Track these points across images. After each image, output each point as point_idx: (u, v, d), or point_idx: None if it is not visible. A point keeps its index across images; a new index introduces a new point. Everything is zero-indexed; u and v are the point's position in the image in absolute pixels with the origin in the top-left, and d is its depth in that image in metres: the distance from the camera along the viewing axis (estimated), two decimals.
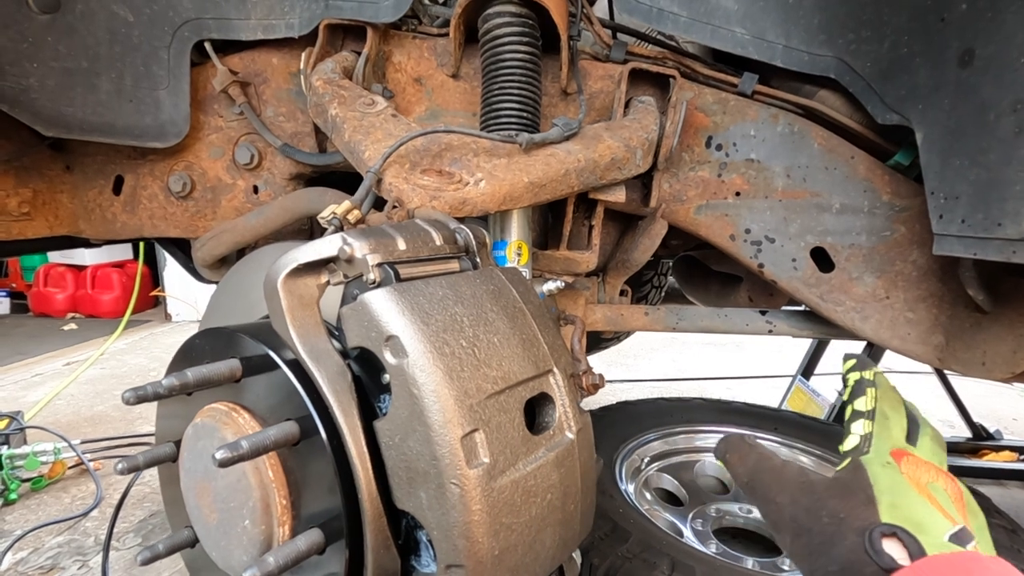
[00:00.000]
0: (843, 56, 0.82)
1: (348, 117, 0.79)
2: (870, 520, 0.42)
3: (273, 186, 1.06)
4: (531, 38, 0.85)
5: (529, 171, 0.73)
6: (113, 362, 3.39)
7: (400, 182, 0.68)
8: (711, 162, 0.96)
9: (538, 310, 0.52)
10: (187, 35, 0.95)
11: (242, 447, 0.42)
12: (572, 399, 0.51)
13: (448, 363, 0.42)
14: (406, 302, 0.43)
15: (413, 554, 0.46)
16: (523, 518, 0.44)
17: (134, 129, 0.99)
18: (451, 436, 0.40)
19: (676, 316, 1.06)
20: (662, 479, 1.36)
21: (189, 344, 0.56)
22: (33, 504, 1.78)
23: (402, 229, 0.50)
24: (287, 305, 0.46)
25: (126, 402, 0.48)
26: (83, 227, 1.16)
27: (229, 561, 0.50)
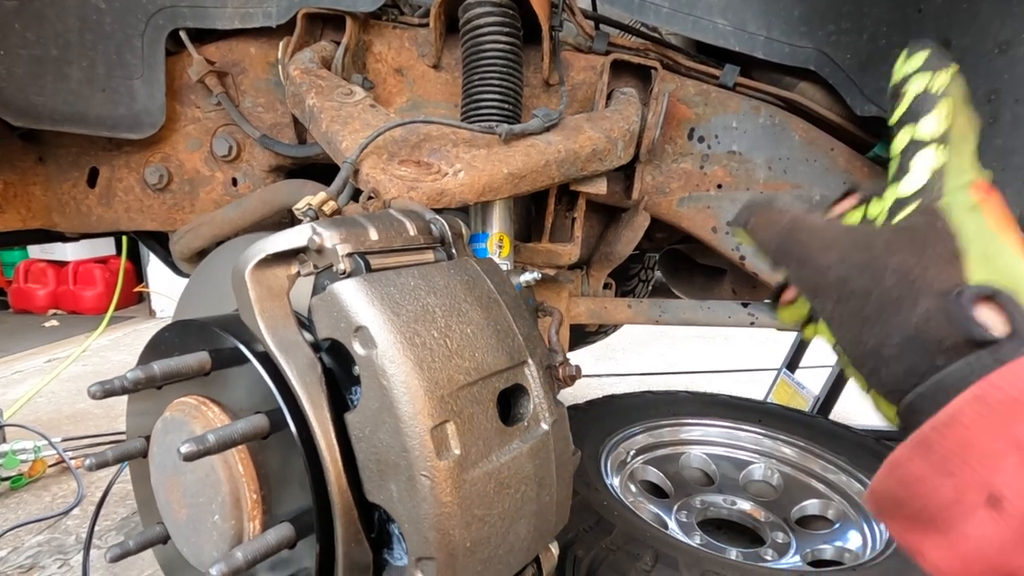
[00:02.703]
0: (823, 48, 0.82)
1: (325, 107, 0.78)
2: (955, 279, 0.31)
3: (252, 178, 1.05)
4: (512, 28, 0.84)
5: (508, 162, 0.73)
6: (96, 359, 3.35)
7: (377, 173, 0.68)
8: (693, 154, 0.96)
9: (513, 301, 0.52)
10: (161, 23, 0.93)
11: (208, 441, 0.41)
12: (547, 390, 0.50)
13: (418, 354, 0.41)
14: (376, 292, 0.42)
15: (386, 547, 0.46)
16: (496, 510, 0.43)
17: (107, 120, 0.97)
18: (421, 427, 0.40)
19: (659, 309, 1.06)
20: (647, 472, 1.37)
21: (158, 337, 0.55)
22: (13, 503, 1.76)
23: (375, 219, 0.49)
24: (255, 296, 0.45)
25: (92, 396, 0.47)
26: (57, 220, 1.13)
27: (199, 557, 0.49)
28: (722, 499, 1.29)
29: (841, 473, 1.29)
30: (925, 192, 0.36)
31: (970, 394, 0.27)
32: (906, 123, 0.38)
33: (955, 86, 0.38)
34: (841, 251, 0.35)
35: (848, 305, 0.34)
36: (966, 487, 0.27)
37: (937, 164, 0.36)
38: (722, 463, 1.41)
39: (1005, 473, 0.25)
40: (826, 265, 0.36)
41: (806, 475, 1.35)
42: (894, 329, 0.32)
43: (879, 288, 0.33)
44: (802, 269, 0.37)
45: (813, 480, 1.33)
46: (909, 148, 0.37)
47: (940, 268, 0.32)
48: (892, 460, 0.30)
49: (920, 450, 0.29)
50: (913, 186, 0.36)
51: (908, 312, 0.31)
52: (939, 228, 0.33)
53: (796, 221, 0.39)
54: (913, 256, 0.33)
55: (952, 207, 0.34)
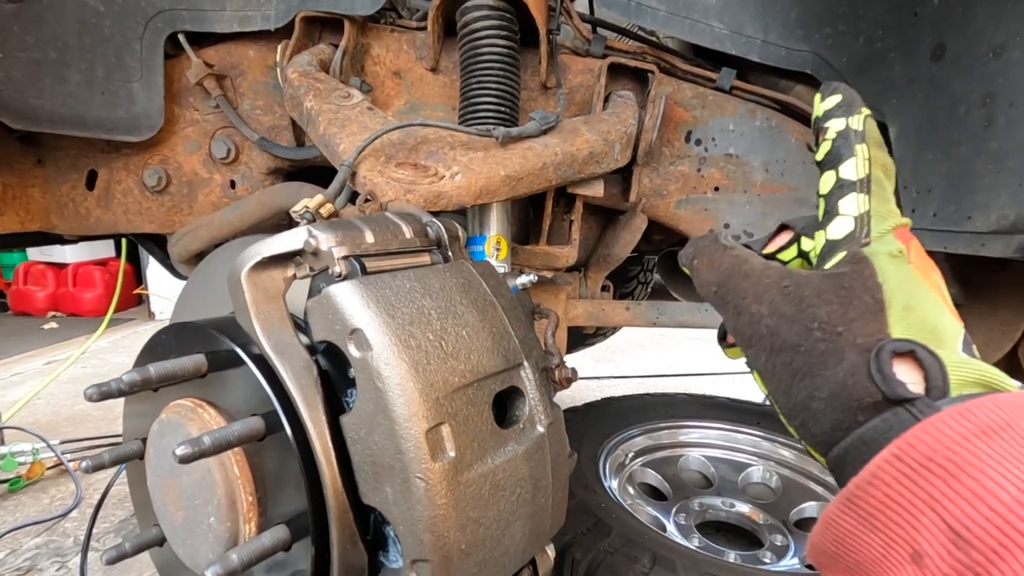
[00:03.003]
0: (819, 51, 0.82)
1: (323, 110, 0.78)
2: (876, 333, 0.32)
3: (250, 180, 1.05)
4: (509, 32, 0.84)
5: (505, 164, 0.73)
6: (95, 361, 3.35)
7: (374, 175, 0.68)
8: (690, 156, 0.96)
9: (509, 303, 0.52)
10: (160, 26, 0.93)
11: (204, 443, 0.41)
12: (543, 393, 0.50)
13: (414, 356, 0.41)
14: (371, 295, 0.42)
15: (381, 549, 0.46)
16: (491, 512, 0.44)
17: (106, 122, 0.98)
18: (416, 430, 0.40)
19: (657, 311, 1.06)
20: (646, 474, 1.37)
21: (155, 339, 0.55)
22: (11, 505, 1.75)
23: (371, 222, 0.49)
24: (251, 299, 0.45)
25: (89, 398, 0.47)
26: (56, 222, 1.13)
27: (195, 559, 0.50)
28: (720, 501, 1.29)
29: None
30: (852, 238, 0.36)
31: (888, 452, 0.28)
32: (829, 164, 0.39)
33: (871, 128, 0.39)
34: (772, 302, 0.36)
35: (779, 357, 0.35)
36: (892, 543, 0.27)
37: (861, 209, 0.37)
38: (721, 465, 1.41)
39: (923, 530, 0.26)
40: (758, 316, 0.36)
41: (805, 477, 1.35)
42: (822, 384, 0.32)
43: (807, 342, 0.33)
44: (738, 318, 0.38)
45: (812, 482, 1.33)
46: (834, 191, 0.38)
47: (864, 321, 0.32)
48: (825, 517, 0.31)
49: (848, 507, 0.30)
50: (841, 231, 0.37)
51: (834, 367, 0.32)
52: (865, 276, 0.34)
53: (735, 266, 0.39)
54: (840, 308, 0.33)
55: (877, 255, 0.35)
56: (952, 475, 0.25)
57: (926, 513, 0.26)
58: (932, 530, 0.25)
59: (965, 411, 0.27)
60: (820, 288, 0.34)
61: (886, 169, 0.38)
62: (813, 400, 0.33)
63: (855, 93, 0.39)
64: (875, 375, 0.30)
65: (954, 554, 0.24)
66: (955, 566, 0.24)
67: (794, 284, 0.35)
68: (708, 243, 0.42)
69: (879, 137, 0.39)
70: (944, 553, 0.24)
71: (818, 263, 0.38)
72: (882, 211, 0.37)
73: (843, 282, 0.34)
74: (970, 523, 0.24)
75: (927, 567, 0.25)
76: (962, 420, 0.26)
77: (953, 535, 0.24)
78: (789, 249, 0.42)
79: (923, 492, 0.26)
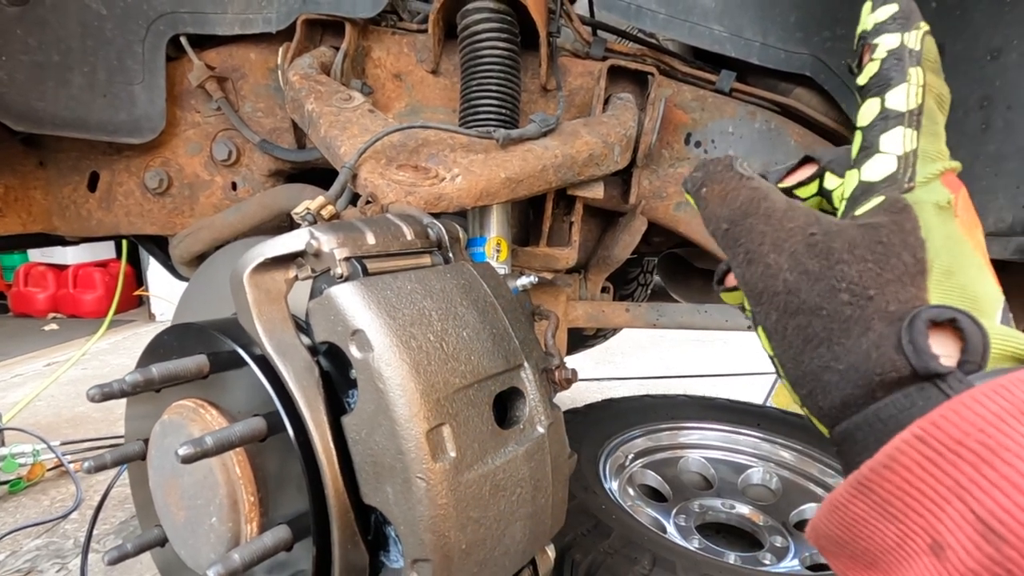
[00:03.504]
0: (819, 54, 0.83)
1: (324, 112, 0.78)
2: (912, 299, 0.28)
3: (252, 182, 1.05)
4: (510, 34, 0.85)
5: (506, 167, 0.73)
6: (95, 363, 3.35)
7: (375, 177, 0.68)
8: (690, 159, 0.96)
9: (510, 305, 0.52)
10: (162, 29, 0.94)
11: (206, 443, 0.41)
12: (543, 394, 0.51)
13: (415, 357, 0.42)
14: (372, 296, 0.43)
15: (382, 549, 0.46)
16: (491, 512, 0.44)
17: (108, 125, 0.98)
18: (417, 430, 0.40)
19: (657, 312, 1.07)
20: (646, 475, 1.37)
21: (157, 340, 0.55)
22: (11, 507, 1.76)
23: (372, 223, 0.50)
24: (253, 300, 0.45)
25: (91, 399, 0.47)
26: (58, 224, 1.14)
27: (197, 559, 0.50)
28: (720, 503, 1.29)
29: (839, 477, 1.29)
30: (893, 181, 0.32)
31: (910, 433, 0.25)
32: (875, 90, 0.33)
33: (929, 48, 0.33)
34: (795, 253, 0.31)
35: (794, 320, 0.30)
36: (909, 532, 0.25)
37: (907, 147, 0.32)
38: (721, 467, 1.41)
39: (947, 520, 0.23)
40: (776, 268, 0.31)
41: (805, 479, 1.35)
42: (841, 355, 0.29)
43: (831, 305, 0.29)
44: (749, 267, 0.32)
45: (812, 484, 1.33)
46: (877, 123, 0.33)
47: (900, 285, 0.28)
48: (833, 501, 0.29)
49: (860, 492, 0.27)
50: (880, 172, 0.32)
51: (858, 337, 0.28)
52: (907, 231, 0.30)
53: (753, 201, 0.33)
54: (875, 267, 0.29)
55: (922, 205, 0.30)
56: (985, 460, 0.22)
57: (951, 502, 0.23)
58: (958, 521, 0.23)
59: (1002, 388, 0.23)
60: (853, 241, 0.30)
61: (941, 100, 0.33)
62: (827, 371, 0.29)
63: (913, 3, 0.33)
64: (906, 346, 0.26)
65: (983, 548, 0.22)
66: (983, 561, 0.22)
67: (823, 233, 0.30)
68: (722, 169, 0.35)
69: (937, 60, 0.33)
70: (970, 546, 0.22)
71: (847, 208, 0.33)
72: (931, 151, 0.31)
73: (880, 236, 0.29)
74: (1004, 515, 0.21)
75: (949, 560, 0.23)
76: (997, 398, 0.23)
77: (983, 527, 0.22)
78: (809, 185, 0.37)
79: (949, 478, 0.23)
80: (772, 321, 0.31)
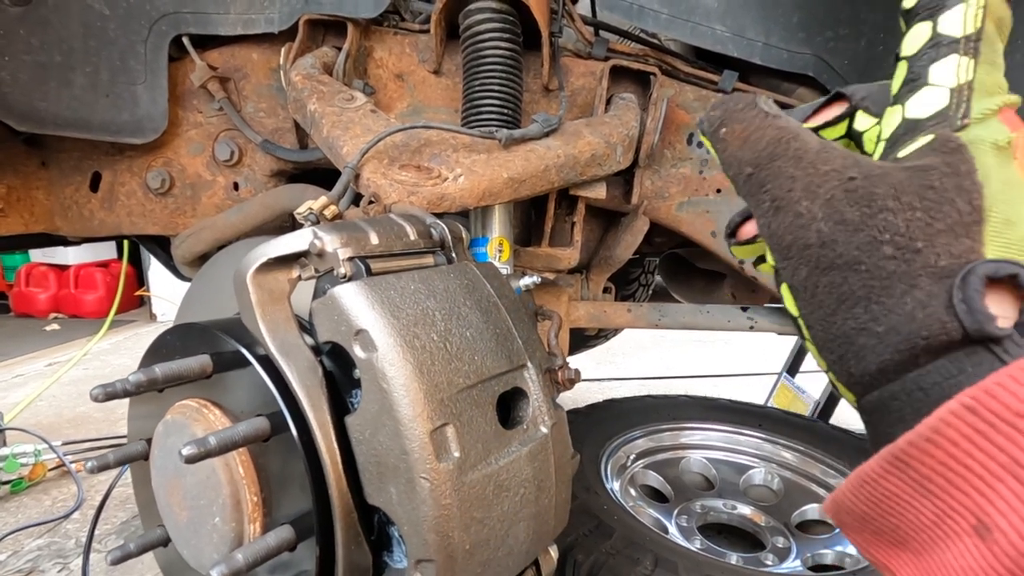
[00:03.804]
0: (821, 54, 0.83)
1: (327, 113, 0.78)
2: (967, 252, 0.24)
3: (254, 183, 1.05)
4: (512, 34, 0.85)
5: (508, 167, 0.73)
6: (97, 363, 3.35)
7: (378, 178, 0.68)
8: (692, 159, 0.96)
9: (513, 305, 0.52)
10: (164, 29, 0.94)
11: (210, 443, 0.41)
12: (546, 394, 0.51)
13: (418, 357, 0.42)
14: (376, 296, 0.43)
15: (385, 550, 0.46)
16: (495, 512, 0.44)
17: (110, 125, 0.98)
18: (421, 430, 0.40)
19: (659, 313, 1.06)
20: (648, 476, 1.37)
21: (160, 340, 0.55)
22: (12, 507, 1.76)
23: (375, 223, 0.50)
24: (257, 300, 0.45)
25: (94, 399, 0.47)
26: (60, 224, 1.14)
27: (200, 559, 0.50)
28: (722, 503, 1.29)
29: (842, 478, 1.29)
30: (944, 117, 0.28)
31: (958, 404, 0.22)
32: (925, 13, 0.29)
33: None
34: (831, 200, 0.26)
35: (826, 276, 0.27)
36: (950, 511, 0.23)
37: (962, 79, 0.28)
38: (722, 467, 1.41)
39: (998, 501, 0.21)
40: (808, 217, 0.27)
41: (807, 479, 1.35)
42: (880, 315, 0.25)
43: (871, 260, 0.25)
44: (776, 216, 0.28)
45: (814, 484, 1.33)
46: (926, 51, 0.28)
47: (953, 235, 0.25)
48: (863, 474, 0.26)
49: (896, 466, 0.24)
50: (930, 107, 0.28)
51: (902, 296, 0.25)
52: (962, 174, 0.25)
53: (780, 141, 0.29)
54: (924, 216, 0.25)
55: (978, 144, 0.26)
56: None
57: (1005, 480, 0.21)
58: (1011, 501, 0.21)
59: None
60: (900, 186, 0.26)
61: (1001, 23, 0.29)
62: (863, 333, 0.26)
63: None
64: (958, 305, 0.23)
65: None
66: None
67: (863, 177, 0.26)
68: (744, 106, 0.31)
69: None
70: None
71: (886, 149, 0.29)
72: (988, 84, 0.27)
73: (931, 179, 0.26)
74: None
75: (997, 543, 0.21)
76: None
77: None
78: (838, 126, 0.33)
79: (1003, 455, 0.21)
80: (801, 277, 0.28)
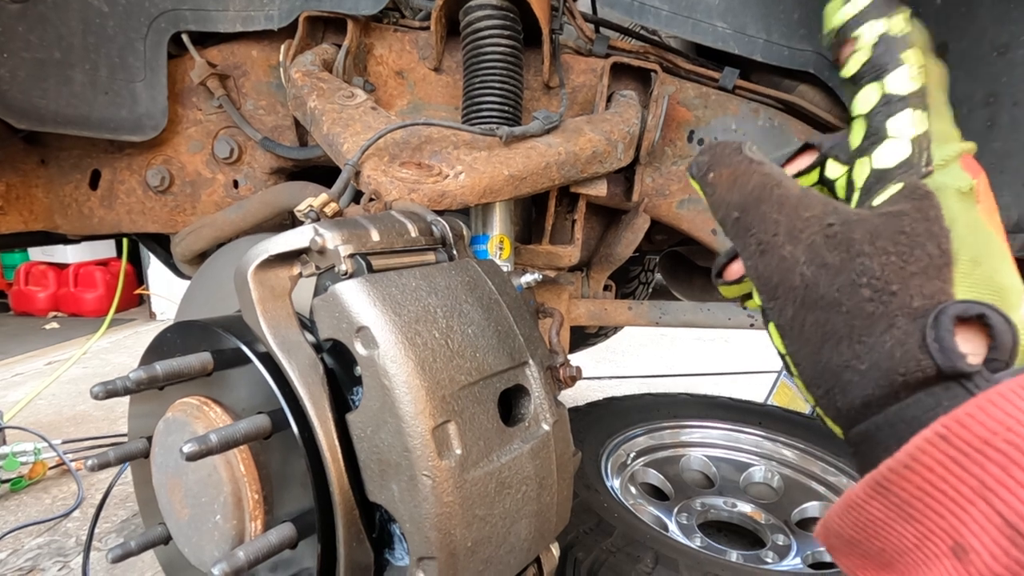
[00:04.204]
0: (822, 51, 0.82)
1: (327, 110, 0.78)
2: (938, 293, 0.26)
3: (254, 180, 1.05)
4: (512, 31, 0.85)
5: (509, 164, 0.73)
6: (96, 361, 3.35)
7: (378, 175, 0.68)
8: (693, 156, 0.96)
9: (514, 302, 0.52)
10: (164, 26, 0.94)
11: (211, 441, 0.41)
12: (548, 391, 0.51)
13: (420, 354, 0.41)
14: (377, 293, 0.42)
15: (387, 547, 0.46)
16: (497, 510, 0.44)
17: (110, 122, 0.98)
18: (423, 427, 0.40)
19: (659, 310, 1.06)
20: (648, 474, 1.37)
21: (160, 337, 0.55)
22: (12, 505, 1.76)
23: (376, 220, 0.50)
24: (258, 297, 0.45)
25: (95, 396, 0.47)
26: (59, 222, 1.14)
27: (201, 557, 0.50)
28: (722, 501, 1.29)
29: (841, 475, 1.29)
30: (909, 166, 0.30)
31: (933, 432, 0.24)
32: (870, 76, 0.32)
33: (917, 31, 0.32)
34: (812, 245, 0.29)
35: (811, 315, 0.29)
36: (929, 534, 0.24)
37: (919, 129, 0.30)
38: (722, 465, 1.41)
39: (971, 523, 0.23)
40: (792, 260, 0.29)
41: (806, 477, 1.35)
42: (863, 353, 0.27)
43: (851, 301, 0.28)
44: (763, 258, 0.30)
45: (813, 482, 1.33)
46: (880, 108, 0.31)
47: (925, 278, 0.27)
48: (848, 500, 0.28)
49: (879, 492, 0.26)
50: (895, 157, 0.30)
51: (881, 335, 0.27)
52: (931, 219, 0.28)
53: (764, 187, 0.31)
54: (898, 260, 0.27)
55: (943, 190, 0.29)
56: (1013, 460, 0.22)
57: (976, 503, 0.22)
58: (983, 523, 0.22)
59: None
60: (875, 232, 0.28)
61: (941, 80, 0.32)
62: (847, 370, 0.27)
63: None
64: (931, 345, 0.25)
65: (1010, 552, 0.21)
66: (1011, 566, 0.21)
67: (841, 223, 0.29)
68: (730, 152, 0.33)
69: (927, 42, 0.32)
70: (996, 550, 0.21)
71: (861, 198, 0.32)
72: (943, 133, 0.30)
73: (903, 225, 0.28)
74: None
75: (972, 563, 0.22)
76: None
77: (1010, 531, 0.21)
78: (810, 174, 0.36)
79: (973, 479, 0.23)
80: (788, 317, 0.30)
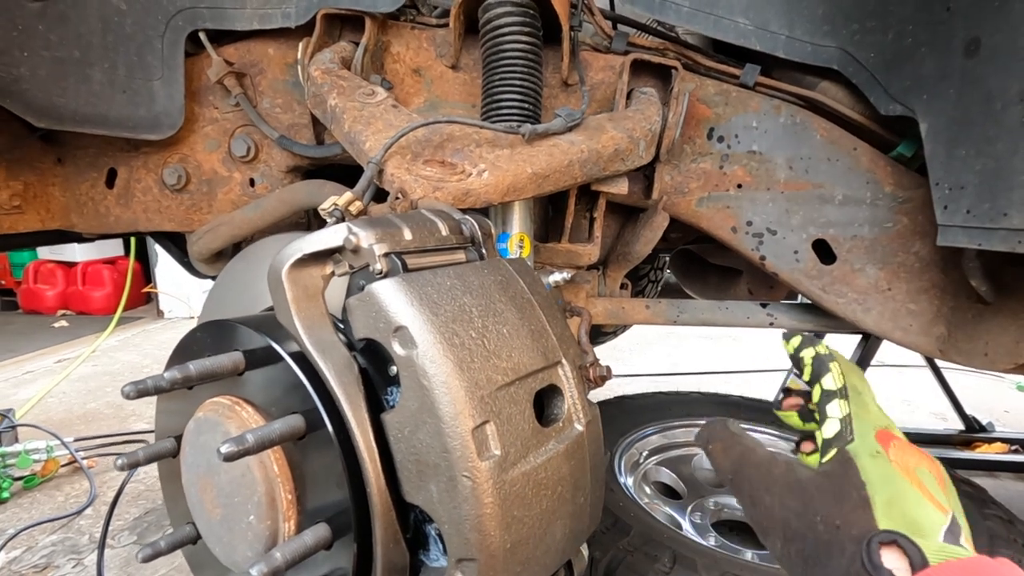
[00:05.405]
0: (847, 47, 0.82)
1: (348, 107, 0.78)
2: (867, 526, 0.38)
3: (270, 179, 1.05)
4: (532, 28, 0.84)
5: (533, 162, 0.72)
6: (105, 359, 3.36)
7: (402, 173, 0.67)
8: (713, 154, 0.95)
9: (546, 301, 0.52)
10: (181, 24, 0.93)
11: (247, 441, 0.41)
12: (581, 391, 0.50)
13: (458, 354, 0.41)
14: (414, 292, 0.42)
15: (422, 548, 0.46)
16: (534, 511, 0.43)
17: (127, 121, 0.98)
18: (462, 428, 0.39)
19: (677, 309, 1.06)
20: (660, 473, 1.36)
21: (190, 337, 0.55)
22: (26, 503, 1.76)
23: (408, 219, 0.49)
24: (292, 296, 0.45)
25: (126, 396, 0.47)
26: (75, 221, 1.14)
27: (233, 557, 0.49)
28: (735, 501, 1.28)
29: None
30: (840, 438, 0.44)
31: None
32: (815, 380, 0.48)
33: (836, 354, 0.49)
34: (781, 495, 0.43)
35: (792, 545, 0.41)
36: None
37: (844, 412, 0.45)
38: None
39: None
40: (770, 507, 0.43)
41: None
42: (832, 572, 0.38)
43: (813, 533, 0.40)
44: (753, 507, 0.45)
45: None
46: (822, 399, 0.47)
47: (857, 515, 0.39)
48: None
49: None
50: (832, 431, 0.45)
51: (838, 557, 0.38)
52: (851, 475, 0.41)
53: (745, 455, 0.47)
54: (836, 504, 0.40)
55: (859, 453, 0.42)
56: None
57: None
58: None
59: None
60: (819, 485, 0.42)
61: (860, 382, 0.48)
62: None
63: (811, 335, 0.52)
64: (867, 564, 0.36)
65: None
66: None
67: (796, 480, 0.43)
68: (720, 428, 0.50)
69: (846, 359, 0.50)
70: None
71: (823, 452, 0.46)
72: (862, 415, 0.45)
73: (836, 480, 0.42)
74: None
75: None
76: None
77: None
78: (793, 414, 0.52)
79: None
80: (778, 550, 0.43)
